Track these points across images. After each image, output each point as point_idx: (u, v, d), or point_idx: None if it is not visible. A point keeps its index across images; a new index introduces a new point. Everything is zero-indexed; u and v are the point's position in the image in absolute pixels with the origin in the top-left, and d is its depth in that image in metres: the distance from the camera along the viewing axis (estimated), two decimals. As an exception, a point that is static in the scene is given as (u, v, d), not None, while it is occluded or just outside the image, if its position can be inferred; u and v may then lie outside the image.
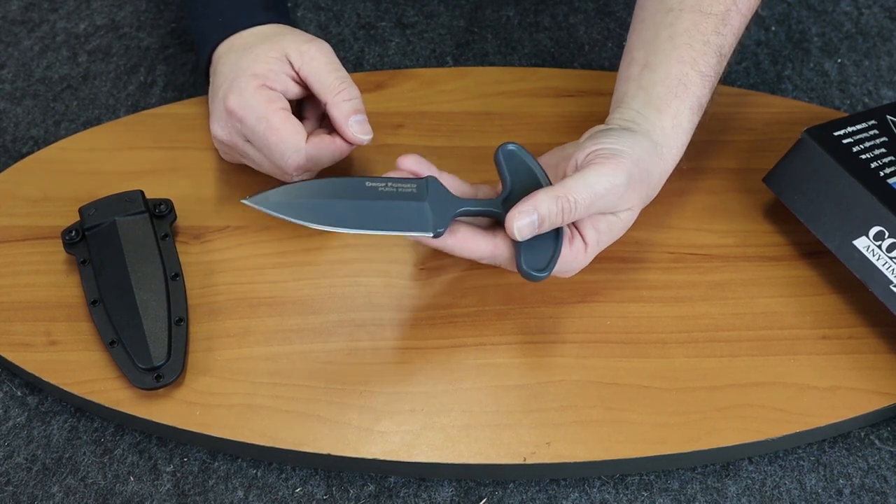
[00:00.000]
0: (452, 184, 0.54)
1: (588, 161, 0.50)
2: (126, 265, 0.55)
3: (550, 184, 0.53)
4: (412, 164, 0.52)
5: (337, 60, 0.59)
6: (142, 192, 0.59)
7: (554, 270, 0.51)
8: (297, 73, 0.58)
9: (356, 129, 0.58)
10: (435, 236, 0.50)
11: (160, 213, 0.58)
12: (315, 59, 0.58)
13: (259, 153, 0.58)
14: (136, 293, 0.54)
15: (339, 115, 0.58)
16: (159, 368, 0.52)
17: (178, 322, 0.54)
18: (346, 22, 0.79)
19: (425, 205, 0.50)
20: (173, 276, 0.56)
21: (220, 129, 0.58)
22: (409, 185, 0.51)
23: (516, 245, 0.50)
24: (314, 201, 0.50)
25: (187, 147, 0.65)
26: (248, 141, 0.57)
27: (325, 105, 0.59)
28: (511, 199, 0.51)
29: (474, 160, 0.64)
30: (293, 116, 0.57)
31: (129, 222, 0.57)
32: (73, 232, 0.57)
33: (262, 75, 0.57)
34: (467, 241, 0.51)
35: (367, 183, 0.50)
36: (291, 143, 0.56)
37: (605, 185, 0.49)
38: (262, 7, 0.62)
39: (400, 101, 0.67)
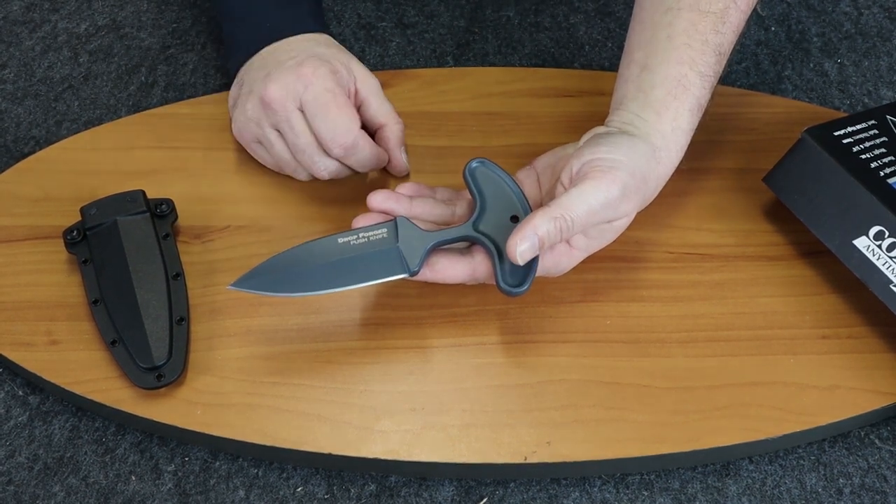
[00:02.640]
0: (427, 211, 0.55)
1: (584, 173, 0.50)
2: (127, 265, 0.55)
3: (522, 193, 0.54)
4: (381, 202, 0.54)
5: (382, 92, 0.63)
6: (143, 192, 0.59)
7: (541, 272, 0.52)
8: (357, 91, 0.61)
9: (403, 156, 0.62)
10: (412, 275, 0.52)
11: (161, 213, 0.59)
12: (375, 86, 0.62)
13: (298, 128, 0.58)
14: (138, 293, 0.54)
15: (394, 138, 0.61)
16: (160, 368, 0.52)
17: (179, 321, 0.54)
18: (347, 22, 0.79)
19: (397, 247, 0.52)
20: (174, 276, 0.56)
21: (277, 89, 0.58)
22: (379, 231, 0.52)
23: (494, 262, 0.52)
24: (292, 271, 0.52)
25: (188, 147, 0.65)
26: (300, 109, 0.58)
27: (378, 127, 0.62)
28: (484, 216, 0.53)
29: (475, 160, 0.64)
30: (352, 104, 0.59)
31: (131, 222, 0.57)
32: (75, 231, 0.57)
33: (335, 70, 0.59)
34: (445, 271, 0.53)
35: (339, 240, 0.52)
36: (348, 122, 0.57)
37: (601, 200, 0.50)
38: (311, 16, 0.65)
39: (400, 101, 0.67)
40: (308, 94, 0.57)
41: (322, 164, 0.59)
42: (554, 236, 0.49)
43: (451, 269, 0.53)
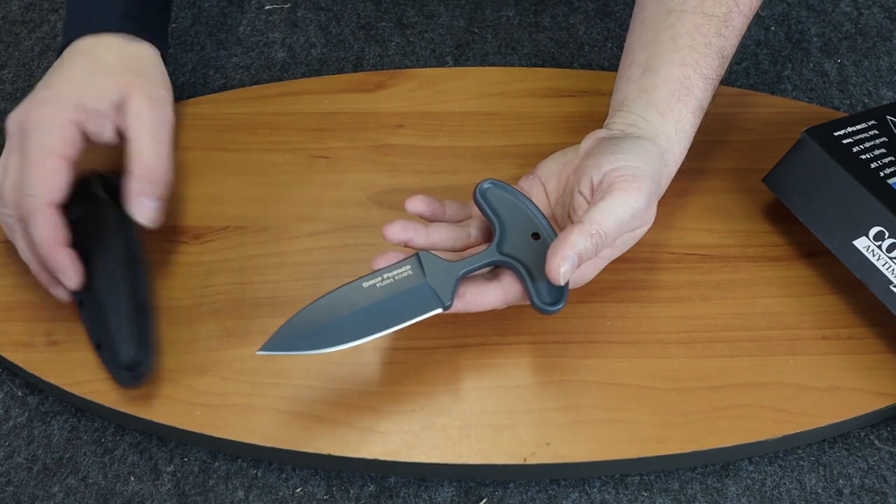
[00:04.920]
0: (445, 236, 0.53)
1: (608, 184, 0.50)
2: (90, 259, 0.53)
3: (537, 208, 0.53)
4: (399, 233, 0.51)
5: (165, 132, 0.56)
6: (96, 174, 0.55)
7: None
8: (124, 127, 0.56)
9: (137, 209, 0.53)
10: (446, 309, 0.50)
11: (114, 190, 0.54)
12: (143, 120, 0.55)
13: (9, 165, 0.53)
14: (99, 288, 0.52)
15: (129, 188, 0.54)
16: (135, 364, 0.51)
17: (140, 310, 0.52)
18: (346, 22, 0.79)
19: (426, 284, 0.50)
20: (131, 262, 0.53)
21: (14, 115, 0.54)
22: (404, 269, 0.51)
23: (526, 283, 0.51)
24: (321, 326, 0.49)
25: (187, 147, 0.65)
26: (18, 149, 0.53)
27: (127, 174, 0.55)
28: (506, 238, 0.52)
29: (474, 160, 0.64)
30: (64, 171, 0.52)
31: (86, 211, 0.54)
32: None
33: (86, 110, 0.54)
34: (476, 300, 0.51)
35: (364, 284, 0.50)
36: (39, 187, 0.51)
37: (630, 212, 0.49)
38: (122, 15, 0.59)
39: (400, 101, 0.67)
40: (24, 142, 0.52)
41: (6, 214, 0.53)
42: (591, 252, 0.49)
43: (482, 297, 0.51)
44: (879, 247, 0.54)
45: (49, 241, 0.51)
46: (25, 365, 0.54)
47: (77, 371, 0.53)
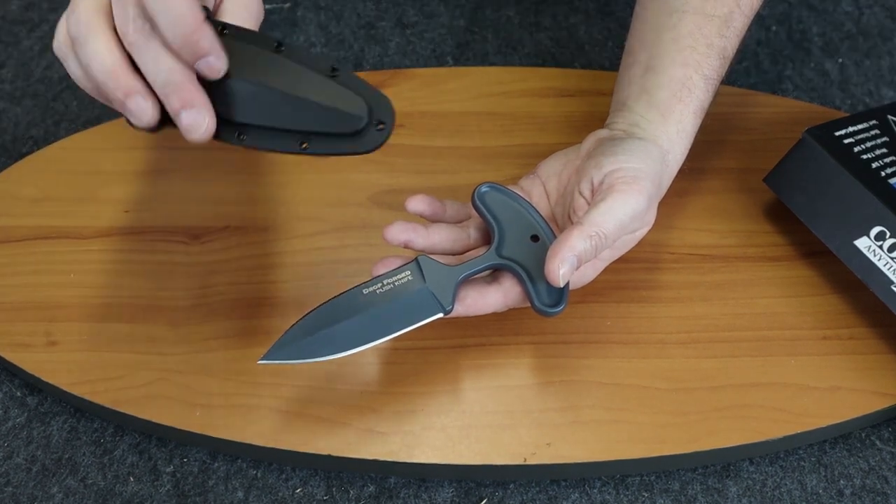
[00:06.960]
0: (444, 237, 0.53)
1: (608, 185, 0.50)
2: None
3: (536, 210, 0.53)
4: (399, 233, 0.51)
5: None
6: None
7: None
8: None
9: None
10: (446, 313, 0.50)
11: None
12: None
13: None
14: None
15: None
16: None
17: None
18: (346, 22, 0.79)
19: (426, 289, 0.50)
20: (276, 47, 0.45)
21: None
22: (403, 275, 0.50)
23: (526, 285, 0.51)
24: (323, 333, 0.49)
25: (187, 147, 0.65)
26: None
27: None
28: (505, 241, 0.52)
29: (475, 160, 0.64)
30: None
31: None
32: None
33: None
34: (477, 303, 0.51)
35: (363, 290, 0.50)
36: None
37: (630, 214, 0.49)
38: None
39: (400, 101, 0.67)
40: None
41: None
42: (590, 254, 0.49)
43: (483, 300, 0.51)
44: (880, 247, 0.54)
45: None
46: (25, 365, 0.54)
47: (76, 372, 0.53)
